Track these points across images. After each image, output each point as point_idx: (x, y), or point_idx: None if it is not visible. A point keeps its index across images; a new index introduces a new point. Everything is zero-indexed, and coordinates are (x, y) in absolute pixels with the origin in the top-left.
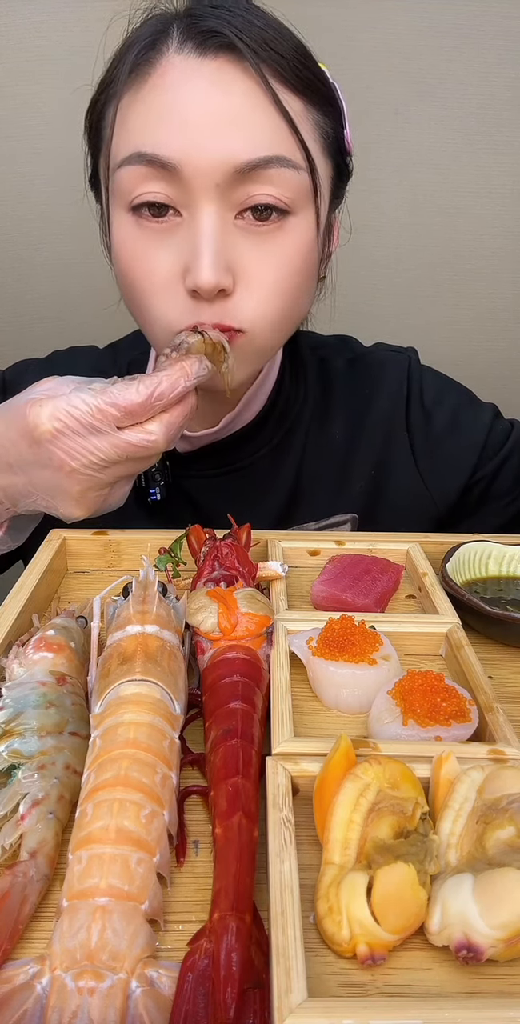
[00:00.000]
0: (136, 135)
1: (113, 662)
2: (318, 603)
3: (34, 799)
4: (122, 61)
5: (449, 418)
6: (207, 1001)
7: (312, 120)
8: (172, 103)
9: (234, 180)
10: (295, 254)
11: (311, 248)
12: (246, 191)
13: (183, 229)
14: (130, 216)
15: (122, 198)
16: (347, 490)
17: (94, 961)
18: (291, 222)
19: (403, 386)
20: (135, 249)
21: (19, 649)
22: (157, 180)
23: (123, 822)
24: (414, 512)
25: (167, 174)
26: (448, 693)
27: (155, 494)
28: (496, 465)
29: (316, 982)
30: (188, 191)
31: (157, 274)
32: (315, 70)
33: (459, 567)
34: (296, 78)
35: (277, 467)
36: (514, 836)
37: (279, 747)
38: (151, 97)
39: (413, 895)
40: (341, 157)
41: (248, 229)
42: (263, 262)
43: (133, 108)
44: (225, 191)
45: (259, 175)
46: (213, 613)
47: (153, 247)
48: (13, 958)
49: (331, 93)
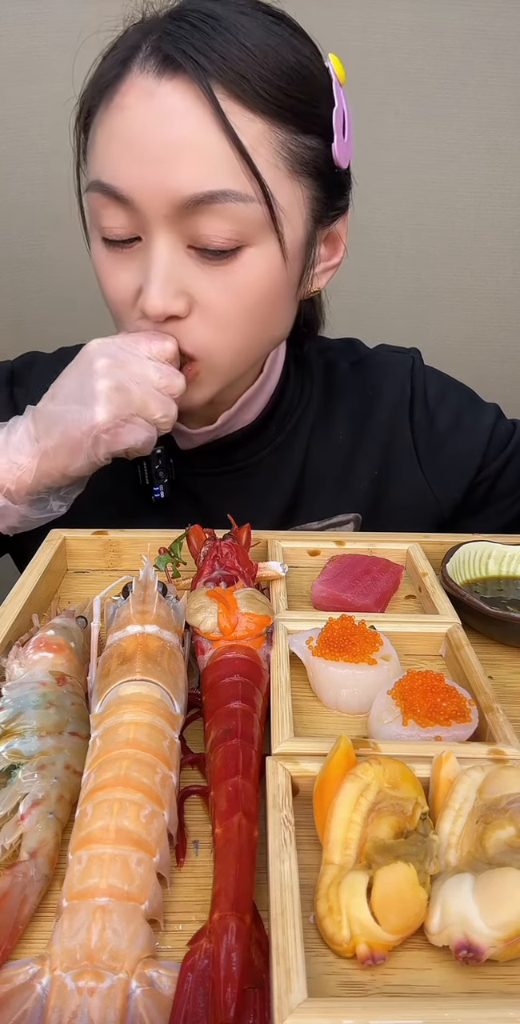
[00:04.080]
0: (97, 161)
1: (113, 662)
2: (318, 603)
3: (34, 799)
4: (98, 75)
5: (452, 418)
6: (207, 1001)
7: (277, 143)
8: (127, 130)
9: (181, 213)
10: (253, 284)
11: (274, 276)
12: (195, 224)
13: (142, 253)
14: (100, 241)
15: (94, 221)
16: (350, 490)
17: (94, 961)
18: (248, 253)
19: (406, 386)
20: (105, 269)
21: (19, 649)
22: (115, 208)
23: (123, 822)
24: (417, 512)
25: (123, 203)
26: (448, 693)
27: (159, 492)
28: (500, 465)
29: (316, 982)
30: (142, 220)
31: (120, 293)
32: (289, 86)
33: (459, 567)
34: (258, 98)
35: (280, 466)
36: (514, 836)
37: (279, 747)
38: (113, 120)
39: (413, 895)
40: (328, 172)
41: (201, 260)
42: (217, 293)
43: (100, 129)
44: (174, 223)
45: (206, 209)
46: (213, 613)
47: (119, 268)
48: (13, 958)
49: (313, 106)
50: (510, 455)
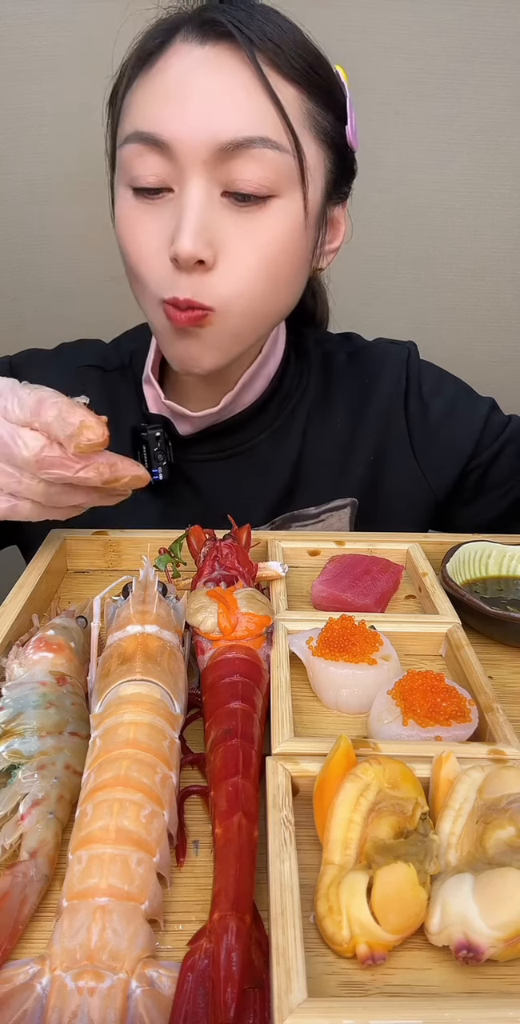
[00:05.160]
0: (138, 116)
1: (113, 662)
2: (318, 603)
3: (34, 799)
4: (136, 50)
5: (446, 408)
6: (207, 1001)
7: (305, 109)
8: (170, 85)
9: (219, 158)
10: (278, 235)
11: (297, 232)
12: (231, 168)
13: (173, 203)
14: (129, 192)
15: (124, 175)
16: (347, 476)
17: (94, 961)
18: (276, 203)
19: (402, 377)
20: (131, 220)
21: (19, 649)
22: (152, 156)
23: (123, 822)
24: (411, 498)
25: (161, 151)
26: (448, 693)
27: (158, 474)
28: (492, 454)
29: (316, 982)
30: (178, 167)
31: (147, 243)
32: (315, 64)
33: (459, 567)
34: (292, 68)
35: (278, 451)
36: (514, 836)
37: (279, 747)
38: (154, 81)
39: (413, 895)
40: (342, 151)
41: (233, 207)
42: (245, 240)
43: (138, 92)
44: (211, 168)
45: (243, 153)
46: (213, 613)
47: (146, 219)
48: (13, 958)
49: (332, 88)
50: (503, 445)
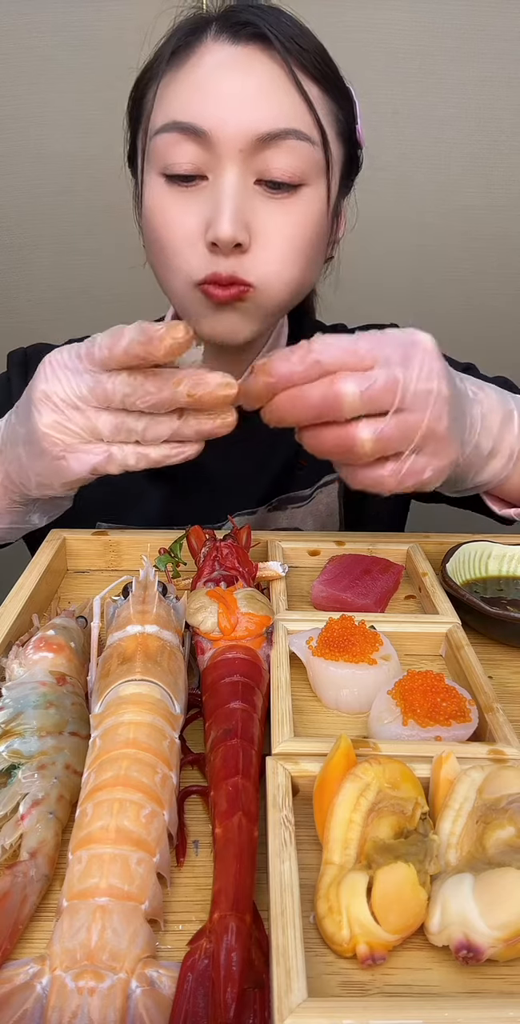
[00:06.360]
0: (173, 107)
1: (113, 662)
2: (318, 603)
3: (34, 799)
4: (165, 47)
5: None
6: (207, 1001)
7: (328, 106)
8: (206, 80)
9: (255, 147)
10: (307, 220)
11: (322, 218)
12: (265, 158)
13: (208, 191)
14: (162, 179)
15: (156, 163)
16: None
17: (94, 961)
18: (305, 192)
19: None
20: (164, 207)
21: (19, 649)
22: (188, 144)
23: (123, 822)
24: None
25: (197, 139)
26: (448, 693)
27: None
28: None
29: (316, 982)
30: (215, 155)
31: (181, 229)
32: (333, 67)
33: (459, 567)
34: (316, 69)
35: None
36: (514, 836)
37: (279, 747)
38: (188, 76)
39: (413, 895)
40: (353, 146)
41: (265, 194)
42: (278, 225)
43: (172, 86)
44: (247, 157)
45: (278, 144)
46: (213, 613)
47: (180, 206)
48: (13, 958)
49: (346, 89)
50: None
